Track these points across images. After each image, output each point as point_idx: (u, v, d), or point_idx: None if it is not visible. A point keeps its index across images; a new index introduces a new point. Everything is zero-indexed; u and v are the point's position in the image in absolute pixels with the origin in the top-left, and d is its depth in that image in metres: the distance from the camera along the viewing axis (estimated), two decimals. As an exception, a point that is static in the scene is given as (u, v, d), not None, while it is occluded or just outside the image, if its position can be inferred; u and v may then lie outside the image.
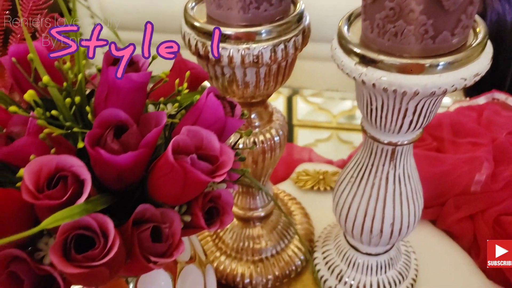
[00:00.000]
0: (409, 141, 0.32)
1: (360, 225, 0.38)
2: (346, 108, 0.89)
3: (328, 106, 0.89)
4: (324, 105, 0.90)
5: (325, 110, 0.87)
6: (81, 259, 0.19)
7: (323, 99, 0.92)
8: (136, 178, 0.24)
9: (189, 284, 0.33)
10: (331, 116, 0.85)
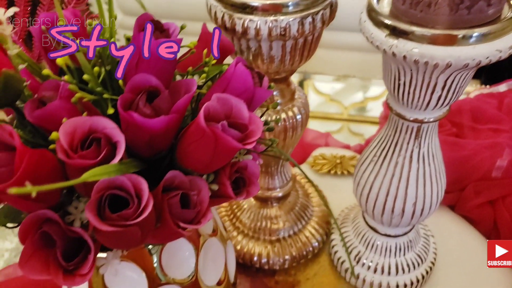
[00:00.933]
0: (435, 118, 0.32)
1: (381, 205, 0.38)
2: (358, 100, 0.88)
3: (340, 98, 0.89)
4: (336, 96, 0.89)
5: (337, 101, 0.86)
6: (115, 218, 0.20)
7: (334, 91, 0.91)
8: (165, 145, 0.24)
9: (211, 256, 0.33)
10: (342, 107, 0.85)
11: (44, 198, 0.22)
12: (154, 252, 0.29)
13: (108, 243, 0.22)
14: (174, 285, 0.30)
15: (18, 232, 0.22)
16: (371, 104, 0.86)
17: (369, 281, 0.43)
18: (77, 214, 0.24)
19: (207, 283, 0.33)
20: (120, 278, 0.28)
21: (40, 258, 0.22)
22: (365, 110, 0.86)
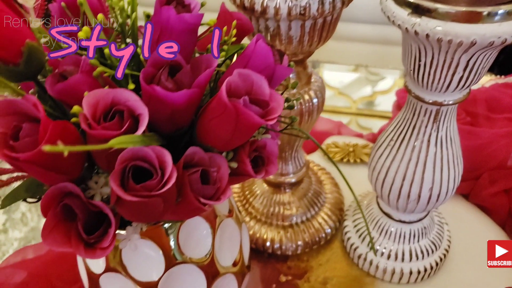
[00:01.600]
0: (455, 101, 0.32)
1: (397, 190, 0.37)
2: (367, 94, 0.87)
3: (348, 91, 0.88)
4: (344, 90, 0.89)
5: (345, 95, 0.86)
6: (138, 189, 0.20)
7: (343, 85, 0.91)
8: (186, 121, 0.24)
9: (227, 237, 0.33)
10: (351, 101, 0.84)
11: (66, 170, 0.22)
12: (171, 232, 0.29)
13: (130, 216, 0.22)
14: (191, 264, 0.30)
15: (41, 204, 0.22)
16: (380, 98, 0.86)
17: (382, 267, 0.43)
18: (97, 189, 0.24)
19: (223, 263, 0.33)
20: (138, 254, 0.29)
21: (61, 231, 0.22)
22: (373, 105, 0.86)
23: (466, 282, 0.44)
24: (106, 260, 0.29)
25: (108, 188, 0.24)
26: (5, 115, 0.20)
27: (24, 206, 1.00)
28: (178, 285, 0.30)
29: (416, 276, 0.43)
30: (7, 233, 0.86)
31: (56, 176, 0.21)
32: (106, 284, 0.31)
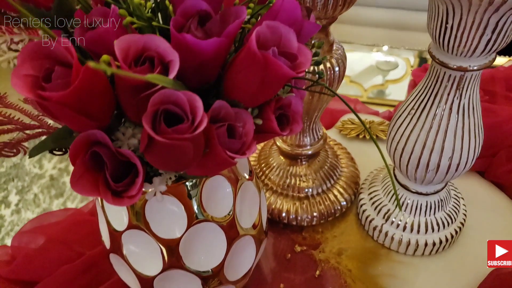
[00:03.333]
0: (480, 66, 0.31)
1: (416, 159, 0.37)
2: (378, 82, 0.87)
3: (360, 80, 0.88)
4: (356, 78, 0.88)
5: (357, 83, 0.85)
6: (169, 132, 0.20)
7: (354, 73, 0.90)
8: (213, 74, 0.24)
9: (248, 198, 0.33)
10: (362, 90, 0.83)
11: (96, 115, 0.22)
12: (194, 190, 0.30)
13: (159, 163, 0.23)
14: (213, 223, 0.31)
15: (69, 151, 0.23)
16: (392, 87, 0.85)
17: (397, 239, 0.43)
18: (125, 141, 0.25)
19: (243, 224, 0.33)
20: (161, 210, 0.29)
21: (89, 178, 0.23)
22: (384, 94, 0.85)
23: (480, 256, 0.43)
24: (129, 216, 0.30)
25: (135, 140, 0.24)
26: (37, 58, 0.21)
27: (36, 187, 1.02)
28: (200, 243, 0.31)
29: (431, 248, 0.43)
30: (20, 213, 0.87)
31: (86, 121, 0.22)
32: (128, 242, 0.31)
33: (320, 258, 0.45)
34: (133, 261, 0.32)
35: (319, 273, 0.44)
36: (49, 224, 0.48)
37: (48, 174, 1.06)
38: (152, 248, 0.31)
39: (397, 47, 0.88)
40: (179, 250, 0.30)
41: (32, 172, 1.00)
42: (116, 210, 0.31)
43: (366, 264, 0.44)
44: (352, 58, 0.92)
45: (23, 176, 0.98)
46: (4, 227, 0.79)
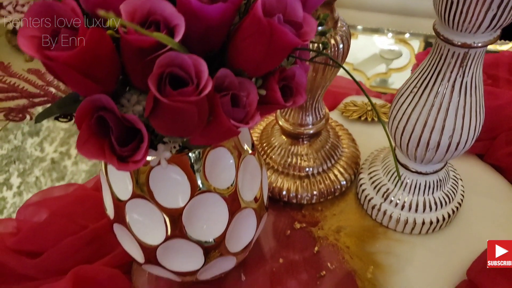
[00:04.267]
0: (484, 43, 0.31)
1: (417, 137, 0.38)
2: (381, 70, 0.86)
3: (363, 68, 0.87)
4: (359, 66, 0.88)
5: (359, 71, 0.85)
6: (175, 95, 0.20)
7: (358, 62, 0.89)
8: (218, 41, 0.25)
9: (249, 172, 0.34)
10: (365, 78, 0.83)
11: (101, 79, 0.22)
12: (197, 160, 0.30)
13: (163, 128, 0.23)
14: (215, 193, 0.31)
15: (75, 115, 0.23)
16: (395, 76, 0.85)
17: (395, 217, 0.44)
18: (130, 107, 0.25)
19: (245, 197, 0.34)
20: (165, 179, 0.30)
21: (95, 143, 0.23)
22: (387, 83, 0.85)
23: (476, 236, 0.44)
24: (133, 186, 0.30)
25: (140, 107, 0.25)
26: (42, 17, 0.21)
27: (37, 170, 1.02)
28: (202, 213, 0.31)
29: (428, 227, 0.44)
30: (22, 195, 0.88)
31: (91, 84, 0.22)
32: (132, 211, 0.32)
33: (319, 235, 0.46)
34: (137, 230, 0.33)
35: (318, 249, 0.44)
36: (53, 198, 0.49)
37: (49, 158, 1.06)
38: (155, 217, 0.31)
39: (403, 32, 0.88)
40: (182, 219, 0.31)
41: (33, 155, 1.00)
42: (120, 180, 0.31)
43: (363, 241, 0.45)
44: (355, 46, 0.92)
45: (24, 158, 0.99)
46: (6, 209, 0.80)
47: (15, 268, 0.43)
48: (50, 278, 0.43)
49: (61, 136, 1.15)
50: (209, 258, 0.34)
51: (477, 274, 0.39)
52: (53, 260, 0.43)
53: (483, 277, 0.38)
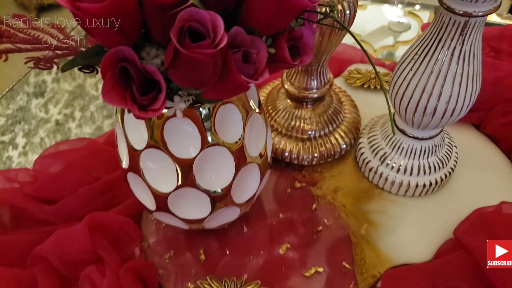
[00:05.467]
0: (484, 12, 0.33)
1: (415, 102, 0.40)
2: (389, 43, 0.86)
3: (370, 40, 0.87)
4: (366, 38, 0.87)
5: (367, 43, 0.84)
6: (193, 47, 0.22)
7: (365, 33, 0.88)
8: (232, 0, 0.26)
9: (256, 129, 0.36)
10: (372, 50, 0.83)
11: (126, 31, 0.24)
12: (208, 115, 0.32)
13: (180, 79, 0.25)
14: (224, 147, 0.34)
15: (101, 65, 0.25)
16: (402, 48, 0.85)
17: (391, 179, 0.47)
18: (149, 60, 0.27)
19: (250, 153, 0.36)
20: (178, 131, 0.32)
21: (118, 91, 0.25)
22: (394, 56, 0.85)
23: (465, 200, 0.47)
24: (148, 136, 0.33)
25: (158, 60, 0.27)
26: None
27: (42, 131, 1.04)
28: (211, 164, 0.34)
29: (421, 189, 0.46)
30: (27, 155, 0.90)
31: (116, 35, 0.24)
32: (147, 160, 0.35)
33: (317, 194, 0.48)
34: (150, 178, 0.35)
35: (316, 206, 0.47)
36: (67, 150, 0.52)
37: (54, 119, 1.08)
38: (168, 167, 0.34)
39: (413, 3, 0.87)
40: (193, 169, 0.34)
41: (38, 116, 1.02)
42: (136, 130, 0.34)
43: (359, 201, 0.48)
44: (364, 17, 0.90)
45: (29, 119, 1.01)
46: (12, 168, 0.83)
47: (33, 213, 0.46)
48: (66, 223, 0.46)
49: (66, 98, 1.16)
50: (215, 207, 0.37)
51: (462, 233, 0.42)
52: (68, 208, 0.46)
53: (467, 236, 0.41)
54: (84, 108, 1.13)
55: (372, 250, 0.44)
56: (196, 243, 0.45)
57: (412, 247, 0.44)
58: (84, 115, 1.17)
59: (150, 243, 0.45)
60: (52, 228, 0.45)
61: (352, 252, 0.44)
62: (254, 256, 0.44)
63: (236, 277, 0.42)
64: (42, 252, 0.42)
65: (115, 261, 0.42)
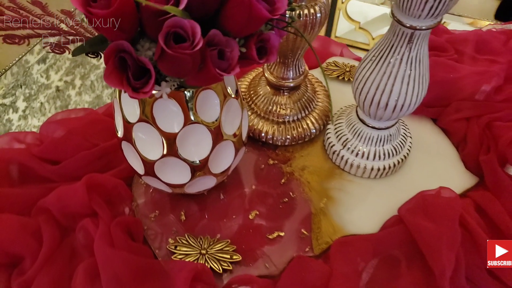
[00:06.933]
0: (427, 27, 0.39)
1: (371, 97, 0.46)
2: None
3: (369, 28, 0.89)
4: (365, 25, 0.90)
5: (365, 30, 0.88)
6: (176, 47, 0.29)
7: (365, 20, 0.90)
8: (213, 8, 0.33)
9: (231, 111, 0.43)
10: (370, 38, 0.86)
11: (126, 29, 0.31)
12: (190, 98, 0.39)
13: (166, 70, 0.32)
14: (203, 125, 0.40)
15: (104, 54, 0.31)
16: None
17: (350, 162, 0.54)
18: (143, 51, 0.33)
19: (226, 131, 0.43)
20: (165, 109, 0.39)
21: (117, 75, 0.32)
22: None
23: (413, 184, 0.54)
24: (140, 112, 0.40)
25: (150, 52, 0.33)
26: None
27: (43, 97, 1.09)
28: (192, 139, 0.41)
29: (376, 172, 0.54)
30: (27, 119, 0.96)
31: (118, 33, 0.30)
32: (138, 132, 0.41)
33: (287, 171, 0.56)
34: (140, 147, 0.42)
35: (284, 181, 0.55)
36: (70, 118, 0.58)
37: (54, 85, 1.12)
38: (155, 138, 0.41)
39: None
40: (176, 142, 0.41)
41: (39, 81, 1.07)
42: (130, 106, 0.40)
43: (322, 179, 0.55)
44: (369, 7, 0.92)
45: (30, 84, 1.05)
46: (12, 130, 0.88)
47: (38, 171, 0.53)
48: (67, 181, 0.53)
49: (67, 65, 1.21)
50: (194, 175, 0.44)
51: (404, 212, 0.50)
52: (69, 168, 0.53)
53: (408, 214, 0.49)
54: (84, 76, 1.17)
55: (327, 221, 0.51)
56: (178, 205, 0.52)
57: (362, 220, 0.51)
58: (84, 83, 1.22)
59: (139, 203, 0.53)
60: (54, 185, 0.52)
61: (311, 222, 0.51)
62: (227, 220, 0.52)
63: (210, 235, 0.49)
64: (45, 204, 0.50)
65: (107, 216, 0.49)
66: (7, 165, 0.53)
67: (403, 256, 0.48)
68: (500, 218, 0.49)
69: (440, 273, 0.44)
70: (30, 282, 0.45)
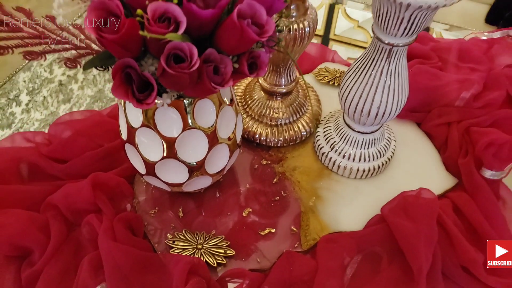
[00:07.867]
0: (404, 44, 0.43)
1: (355, 105, 0.50)
2: None
3: (368, 26, 0.90)
4: (364, 24, 0.91)
5: (364, 29, 0.89)
6: (176, 67, 0.33)
7: (364, 19, 0.91)
8: (208, 30, 0.37)
9: (226, 118, 0.47)
10: (368, 36, 0.87)
11: (131, 49, 0.35)
12: (189, 106, 0.43)
13: (167, 84, 0.36)
14: (200, 130, 0.44)
15: (112, 70, 0.35)
16: None
17: (338, 163, 0.58)
18: (147, 67, 0.37)
19: (221, 135, 0.47)
20: (165, 116, 0.43)
21: (123, 88, 0.36)
22: None
23: (396, 185, 0.58)
24: (143, 118, 0.44)
25: (153, 67, 0.37)
26: (98, 9, 0.33)
27: (46, 91, 1.12)
28: (190, 142, 0.45)
29: (362, 173, 0.58)
30: (30, 113, 0.99)
31: (124, 52, 0.34)
32: (141, 136, 0.45)
33: (278, 171, 0.60)
34: (142, 149, 0.46)
35: (276, 180, 0.59)
36: (76, 120, 0.62)
37: (57, 80, 1.15)
38: (156, 142, 0.45)
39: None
40: (175, 145, 0.45)
41: (43, 75, 1.09)
42: (134, 113, 0.44)
43: (311, 179, 0.59)
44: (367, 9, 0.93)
45: (33, 78, 1.08)
46: (14, 124, 0.91)
47: (47, 170, 0.57)
48: (73, 179, 0.57)
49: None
50: (192, 175, 0.48)
51: (387, 211, 0.54)
52: (76, 167, 0.57)
53: (389, 213, 0.53)
54: (86, 70, 1.21)
55: (316, 219, 0.55)
56: (177, 203, 0.57)
57: (348, 219, 0.56)
58: (87, 78, 1.25)
59: (140, 200, 0.57)
60: (62, 183, 0.56)
61: (300, 219, 0.55)
62: (222, 217, 0.56)
63: (206, 231, 0.54)
64: (53, 201, 0.53)
65: (110, 212, 0.53)
66: (17, 164, 0.57)
67: (385, 253, 0.52)
68: (475, 218, 0.53)
69: (418, 268, 0.48)
70: (38, 273, 0.49)
